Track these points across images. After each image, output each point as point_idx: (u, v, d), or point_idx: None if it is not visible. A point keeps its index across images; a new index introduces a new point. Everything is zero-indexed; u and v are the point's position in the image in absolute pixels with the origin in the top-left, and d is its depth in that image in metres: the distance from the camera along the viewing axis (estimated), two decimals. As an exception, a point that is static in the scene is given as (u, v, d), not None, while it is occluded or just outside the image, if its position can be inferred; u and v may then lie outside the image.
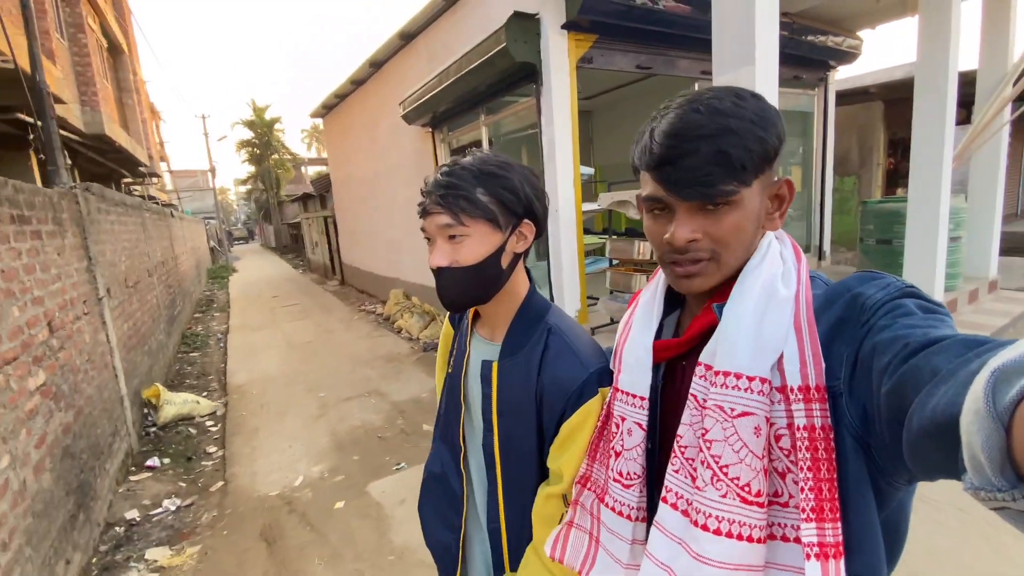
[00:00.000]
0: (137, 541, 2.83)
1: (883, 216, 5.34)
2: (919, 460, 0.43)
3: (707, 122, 0.58)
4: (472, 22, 4.96)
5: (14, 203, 2.51)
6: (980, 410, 0.30)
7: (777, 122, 0.61)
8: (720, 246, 0.62)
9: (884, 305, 0.55)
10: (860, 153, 9.27)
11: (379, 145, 8.15)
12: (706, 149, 0.58)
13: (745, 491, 0.57)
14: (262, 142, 29.51)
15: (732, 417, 0.58)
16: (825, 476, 0.54)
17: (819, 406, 0.56)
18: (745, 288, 0.61)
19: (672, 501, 0.64)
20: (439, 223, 0.81)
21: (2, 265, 2.28)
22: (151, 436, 4.22)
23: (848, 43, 6.18)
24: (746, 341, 0.59)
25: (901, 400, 0.45)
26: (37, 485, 2.24)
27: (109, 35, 11.88)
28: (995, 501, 0.30)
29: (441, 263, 0.82)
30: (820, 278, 0.65)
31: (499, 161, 0.84)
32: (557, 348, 0.86)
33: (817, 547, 0.53)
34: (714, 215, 0.61)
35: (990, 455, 0.30)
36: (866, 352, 0.53)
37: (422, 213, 0.84)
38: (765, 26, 2.68)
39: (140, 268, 5.58)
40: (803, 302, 0.60)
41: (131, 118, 13.16)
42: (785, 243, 0.67)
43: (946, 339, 0.46)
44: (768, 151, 0.60)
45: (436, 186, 0.82)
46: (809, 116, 6.63)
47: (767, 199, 0.64)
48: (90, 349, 3.32)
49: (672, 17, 4.30)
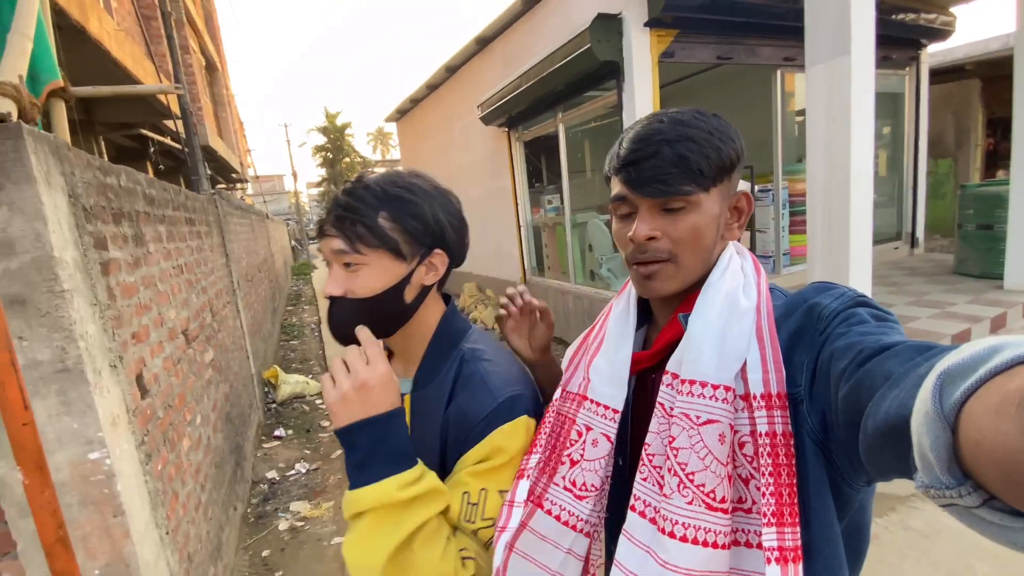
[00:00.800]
0: (280, 496, 3.30)
1: (984, 200, 5.07)
2: (874, 461, 0.45)
3: (668, 129, 0.64)
4: (551, 25, 5.17)
5: (187, 208, 3.01)
6: (928, 412, 0.32)
7: (736, 139, 0.67)
8: (678, 247, 0.66)
9: (839, 314, 0.57)
10: (956, 134, 8.66)
11: (453, 146, 8.55)
12: (666, 152, 0.63)
13: (710, 498, 0.58)
14: (335, 146, 31.21)
15: (698, 425, 0.59)
16: (785, 481, 0.56)
17: (780, 413, 0.58)
18: (708, 299, 0.65)
19: (640, 509, 0.65)
20: (333, 247, 0.74)
21: (185, 260, 2.75)
22: (272, 411, 4.78)
23: (941, 20, 5.85)
24: (711, 350, 0.61)
25: (857, 404, 0.47)
26: (215, 441, 2.71)
27: (206, 54, 13.08)
28: (944, 498, 0.32)
29: (333, 292, 0.75)
30: (779, 290, 0.69)
31: (407, 183, 0.76)
32: (467, 376, 0.77)
33: (777, 551, 0.54)
34: (673, 216, 0.65)
35: (938, 454, 0.31)
36: (824, 359, 0.55)
37: (318, 233, 0.76)
38: (861, 13, 2.71)
39: (253, 264, 6.24)
40: (764, 312, 0.63)
41: (225, 129, 14.42)
42: (746, 257, 0.70)
43: (897, 345, 0.48)
44: (725, 161, 0.65)
45: (335, 206, 0.75)
46: (899, 97, 6.33)
47: (727, 210, 0.68)
48: (233, 333, 3.85)
49: (753, 6, 4.30)
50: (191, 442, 2.22)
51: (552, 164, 6.38)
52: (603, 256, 5.52)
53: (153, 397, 1.81)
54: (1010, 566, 2.05)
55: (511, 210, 6.86)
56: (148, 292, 1.97)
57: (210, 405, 2.74)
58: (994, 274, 4.92)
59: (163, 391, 1.95)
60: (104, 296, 1.48)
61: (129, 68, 4.43)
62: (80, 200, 1.40)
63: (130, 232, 1.86)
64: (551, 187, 6.72)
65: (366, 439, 0.67)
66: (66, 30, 3.20)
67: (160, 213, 2.36)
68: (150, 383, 1.81)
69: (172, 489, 1.83)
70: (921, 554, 2.16)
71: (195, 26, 11.55)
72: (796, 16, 3.53)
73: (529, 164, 6.86)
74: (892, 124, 6.47)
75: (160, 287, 2.16)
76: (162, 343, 2.06)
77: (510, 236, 7.08)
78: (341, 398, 0.67)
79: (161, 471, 1.74)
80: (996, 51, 7.59)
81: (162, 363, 2.01)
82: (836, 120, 2.89)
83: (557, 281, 6.33)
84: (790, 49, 4.86)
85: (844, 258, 3.03)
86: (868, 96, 2.86)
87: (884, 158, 6.51)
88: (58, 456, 1.21)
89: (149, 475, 1.59)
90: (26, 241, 1.15)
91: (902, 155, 6.47)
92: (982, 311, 4.20)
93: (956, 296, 4.66)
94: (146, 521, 1.48)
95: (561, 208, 6.09)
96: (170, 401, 2.02)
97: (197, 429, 2.42)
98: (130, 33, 5.21)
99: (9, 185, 1.12)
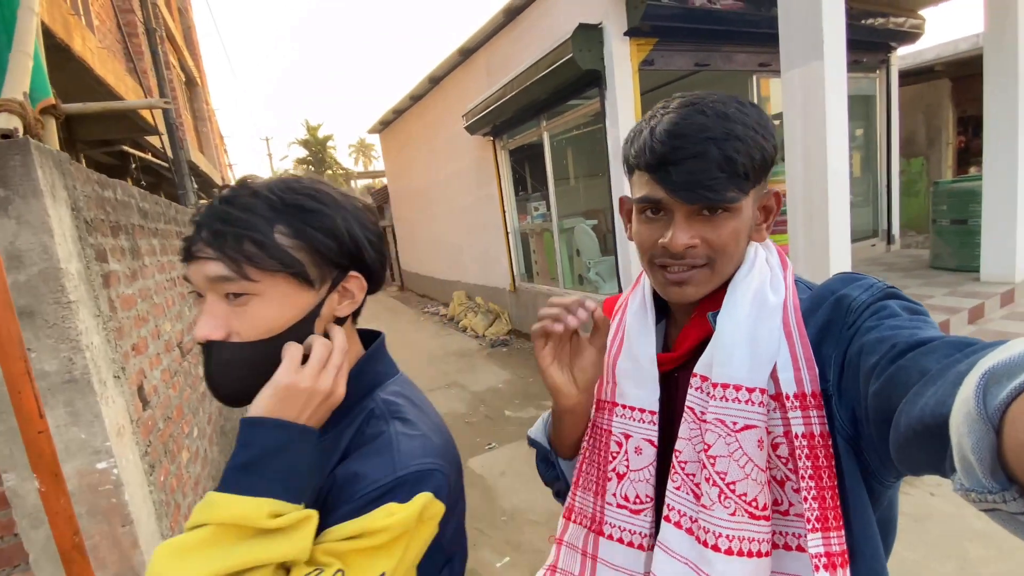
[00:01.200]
0: (277, 509, 3.28)
1: (957, 196, 5.25)
2: (907, 459, 0.44)
3: (714, 125, 0.56)
4: (533, 35, 5.27)
5: (177, 222, 3.01)
6: (971, 412, 0.30)
7: (774, 132, 0.61)
8: (717, 253, 0.61)
9: (869, 307, 0.55)
10: (927, 133, 8.95)
11: (438, 155, 8.60)
12: (714, 153, 0.56)
13: (753, 506, 0.56)
14: (316, 159, 31.12)
15: (735, 431, 0.57)
16: (827, 484, 0.54)
17: (816, 413, 0.55)
18: (737, 297, 0.61)
19: (675, 520, 0.61)
20: (209, 274, 0.55)
21: (177, 273, 2.75)
22: (264, 426, 4.74)
23: (910, 23, 6.08)
24: (743, 351, 0.58)
25: (889, 400, 0.45)
26: (211, 454, 2.69)
27: (186, 69, 13.02)
28: (986, 503, 0.30)
29: (211, 334, 0.55)
30: (803, 282, 0.65)
31: (311, 189, 0.60)
32: (371, 435, 0.60)
33: (824, 557, 0.52)
34: (713, 221, 0.59)
35: (981, 457, 0.29)
36: (853, 353, 0.53)
37: (185, 256, 0.57)
38: (832, 20, 2.83)
39: (240, 278, 6.20)
40: (791, 308, 0.59)
41: (205, 144, 14.34)
42: (771, 249, 0.66)
43: (934, 340, 0.46)
44: (767, 160, 0.60)
45: (209, 218, 0.56)
46: (871, 99, 6.55)
47: (756, 210, 0.64)
48: (223, 346, 3.83)
49: (728, 14, 4.45)
50: (189, 454, 2.22)
51: (537, 171, 6.46)
52: (591, 260, 5.60)
53: (153, 408, 1.81)
54: (1002, 547, 2.12)
55: (498, 217, 6.92)
56: (145, 304, 1.98)
57: (205, 418, 2.73)
58: (970, 267, 5.09)
59: (162, 402, 1.95)
60: (106, 307, 1.49)
61: (112, 85, 4.41)
62: (82, 213, 1.41)
63: (127, 245, 1.87)
64: (537, 194, 6.80)
65: (272, 442, 0.53)
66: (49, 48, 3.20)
67: (153, 226, 2.37)
68: (150, 394, 1.81)
69: (175, 500, 1.83)
70: (915, 537, 2.23)
71: (174, 42, 11.50)
72: (770, 23, 3.67)
73: (515, 172, 6.93)
74: (865, 126, 6.69)
75: (156, 299, 2.16)
76: (159, 355, 2.06)
77: (498, 243, 7.13)
78: (284, 387, 0.55)
79: (164, 482, 1.75)
80: (965, 51, 7.88)
81: (160, 375, 2.01)
82: (812, 122, 3.00)
83: (546, 286, 6.39)
84: (764, 55, 5.02)
85: (825, 255, 3.14)
86: (841, 98, 2.99)
87: (858, 159, 6.71)
88: (67, 466, 1.22)
89: (153, 486, 1.59)
90: (34, 254, 1.17)
91: (876, 155, 6.68)
92: (960, 303, 4.35)
93: (934, 289, 4.81)
94: (152, 531, 1.48)
95: (548, 214, 6.17)
96: (169, 413, 2.02)
97: (195, 442, 2.41)
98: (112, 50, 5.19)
99: (17, 199, 1.14)
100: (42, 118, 1.68)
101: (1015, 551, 2.08)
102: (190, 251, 0.56)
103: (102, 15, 5.00)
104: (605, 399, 0.71)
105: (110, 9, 4.99)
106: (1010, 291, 4.59)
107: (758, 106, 0.61)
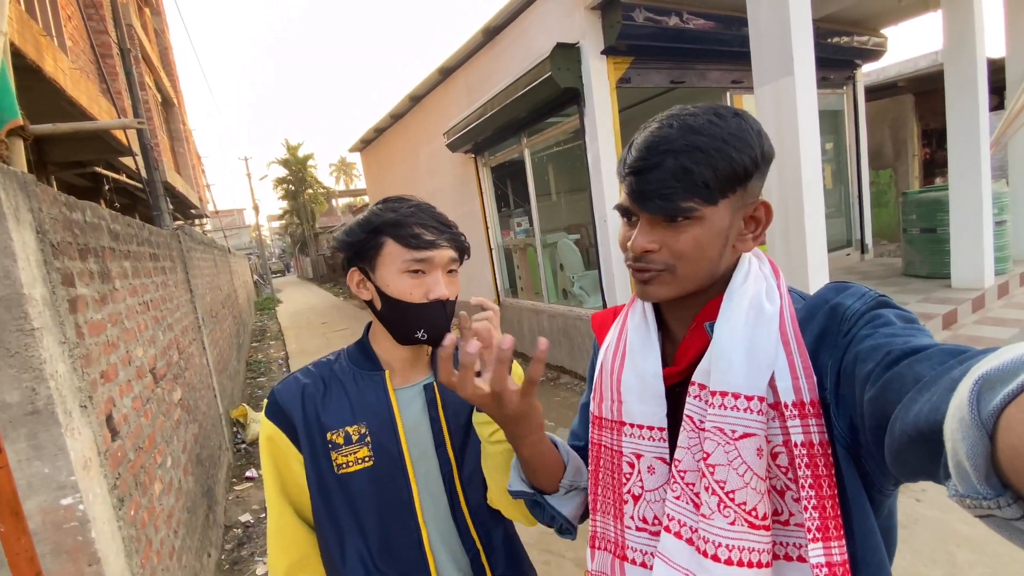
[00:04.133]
0: (256, 539, 3.15)
1: (925, 205, 5.42)
2: (901, 465, 0.44)
3: (677, 137, 0.58)
4: (512, 54, 5.34)
5: (151, 244, 2.93)
6: (964, 418, 0.30)
7: (755, 143, 0.60)
8: (676, 259, 0.62)
9: (864, 315, 0.56)
10: (894, 145, 9.28)
11: (419, 173, 8.60)
12: (670, 164, 0.58)
13: (752, 516, 0.56)
14: (297, 178, 30.87)
15: (734, 439, 0.56)
16: (827, 493, 0.54)
17: (815, 421, 0.55)
18: (733, 306, 0.61)
19: (676, 530, 0.61)
20: (450, 256, 0.84)
21: (151, 296, 2.67)
22: (242, 451, 4.59)
23: (873, 41, 6.33)
24: (740, 359, 0.58)
25: (884, 407, 0.45)
26: (186, 485, 2.59)
27: (162, 90, 12.88)
28: (980, 509, 0.30)
29: (449, 295, 0.83)
30: (796, 292, 0.66)
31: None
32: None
33: (826, 567, 0.52)
34: (674, 228, 0.61)
35: (975, 463, 0.29)
36: (849, 361, 0.53)
37: (430, 244, 0.82)
38: (800, 38, 2.92)
39: (217, 300, 6.07)
40: (788, 316, 0.60)
41: (183, 164, 14.12)
42: (763, 260, 0.67)
43: (928, 348, 0.46)
44: (737, 171, 0.59)
45: (444, 226, 0.85)
46: (839, 114, 6.77)
47: (741, 220, 0.63)
48: (200, 371, 3.72)
49: (700, 33, 4.58)
50: (163, 486, 2.13)
51: (519, 187, 6.49)
52: (574, 275, 5.61)
53: (123, 439, 1.73)
54: (988, 552, 2.14)
55: (482, 233, 6.92)
56: (115, 329, 1.91)
57: (180, 447, 2.63)
58: (941, 274, 5.23)
59: (133, 432, 1.87)
60: (73, 334, 1.43)
61: (84, 106, 4.33)
62: (47, 236, 1.36)
63: (96, 268, 1.80)
64: (520, 210, 6.82)
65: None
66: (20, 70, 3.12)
67: (125, 249, 2.30)
68: (120, 424, 1.73)
69: (146, 536, 1.74)
70: (902, 543, 2.23)
71: (150, 62, 11.38)
72: (741, 42, 3.77)
73: (497, 188, 6.96)
74: (835, 139, 6.89)
75: (127, 324, 2.09)
76: (130, 382, 1.98)
77: (482, 259, 7.12)
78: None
79: (134, 516, 1.66)
80: (925, 68, 8.24)
81: (131, 403, 1.93)
82: (785, 135, 3.08)
83: (531, 301, 6.38)
84: (737, 72, 5.16)
85: (803, 264, 3.19)
86: (812, 111, 3.07)
87: (829, 172, 6.90)
88: (29, 503, 1.15)
89: (122, 521, 1.52)
90: (-6, 279, 1.12)
91: (846, 168, 6.88)
92: (934, 309, 4.45)
93: (908, 296, 4.93)
94: (121, 569, 1.40)
95: (531, 230, 6.19)
96: (140, 443, 1.93)
97: (168, 472, 2.32)
98: (85, 71, 5.11)
99: (-24, 222, 1.09)
100: (8, 140, 1.62)
101: (1001, 555, 2.10)
102: (433, 242, 0.84)
103: (75, 36, 4.92)
104: (611, 418, 0.70)
105: (83, 30, 4.92)
106: (980, 296, 4.72)
107: (744, 117, 0.61)
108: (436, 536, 0.88)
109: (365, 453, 0.84)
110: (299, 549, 0.87)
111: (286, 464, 0.86)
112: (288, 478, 0.87)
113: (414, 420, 0.88)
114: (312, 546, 0.89)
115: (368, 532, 0.85)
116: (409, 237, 0.81)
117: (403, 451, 0.85)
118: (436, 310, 0.82)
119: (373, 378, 0.88)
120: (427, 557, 0.86)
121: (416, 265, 0.81)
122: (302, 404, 0.86)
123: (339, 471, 0.84)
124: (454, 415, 0.89)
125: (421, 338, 0.83)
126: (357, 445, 0.84)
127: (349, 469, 0.84)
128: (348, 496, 0.85)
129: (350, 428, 0.85)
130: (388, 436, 0.85)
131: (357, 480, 0.84)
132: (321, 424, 0.85)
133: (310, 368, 0.92)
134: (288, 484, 0.87)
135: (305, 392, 0.87)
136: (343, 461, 0.84)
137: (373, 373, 0.88)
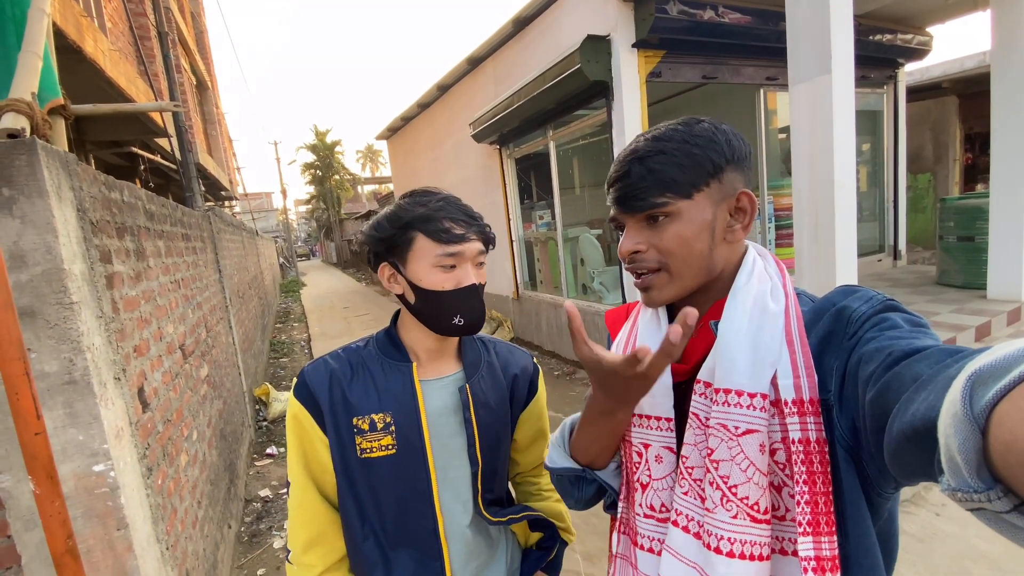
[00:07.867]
0: (275, 514, 3.25)
1: (964, 213, 5.22)
2: (899, 464, 0.44)
3: (643, 147, 0.65)
4: (541, 46, 5.30)
5: (184, 224, 3.01)
6: (957, 413, 0.31)
7: (722, 140, 0.64)
8: (666, 256, 0.65)
9: (870, 318, 0.56)
10: (934, 149, 8.94)
11: (444, 162, 8.63)
12: (636, 168, 0.64)
13: (754, 510, 0.57)
14: (324, 164, 31.27)
15: (737, 436, 0.58)
16: (821, 489, 0.55)
17: (813, 419, 0.56)
18: (737, 304, 0.63)
19: (683, 524, 0.63)
20: (479, 248, 0.87)
21: (182, 275, 2.75)
22: (263, 429, 4.72)
23: (918, 40, 6.09)
24: (744, 357, 0.59)
25: (883, 406, 0.46)
26: (210, 458, 2.68)
27: (197, 73, 13.15)
28: (972, 502, 0.31)
29: (479, 281, 0.87)
30: (805, 295, 0.67)
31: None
32: (503, 349, 1.01)
33: (814, 561, 0.54)
34: (657, 228, 0.65)
35: (967, 457, 0.30)
36: (853, 364, 0.54)
37: (460, 238, 0.84)
38: (840, 35, 2.83)
39: (243, 281, 6.22)
40: (793, 316, 0.61)
41: (215, 147, 14.44)
42: (768, 260, 0.68)
43: (929, 348, 0.47)
44: (704, 165, 0.63)
45: (472, 219, 0.87)
46: (879, 114, 6.54)
47: (726, 212, 0.65)
48: (226, 349, 3.83)
49: (735, 28, 4.46)
50: (188, 458, 2.20)
51: (543, 180, 6.47)
52: (594, 270, 5.58)
53: (153, 411, 1.80)
54: (1006, 568, 2.08)
55: (503, 225, 6.92)
56: (148, 306, 1.97)
57: (205, 421, 2.72)
58: (977, 284, 5.05)
59: (162, 405, 1.94)
60: (109, 309, 1.49)
61: (123, 87, 4.45)
62: (87, 214, 1.41)
63: (132, 246, 1.87)
64: (542, 203, 6.80)
65: None
66: (61, 50, 3.23)
67: (159, 228, 2.37)
68: (150, 397, 1.80)
69: (171, 504, 1.81)
70: (918, 558, 2.19)
71: (186, 45, 11.62)
72: (778, 38, 3.67)
73: (520, 180, 6.94)
74: (872, 141, 6.68)
75: (159, 301, 2.16)
76: (161, 357, 2.05)
77: (503, 251, 7.13)
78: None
79: (161, 485, 1.73)
80: (972, 69, 7.90)
81: (161, 377, 2.00)
82: (819, 135, 2.99)
83: (550, 295, 6.37)
84: (772, 69, 5.02)
85: (831, 269, 3.11)
86: (849, 112, 2.98)
87: (865, 174, 6.70)
88: (63, 468, 1.21)
89: (150, 489, 1.58)
90: (37, 254, 1.17)
91: (882, 171, 6.66)
92: (967, 320, 4.30)
93: (940, 306, 4.77)
94: (147, 535, 1.46)
95: (552, 223, 6.17)
96: (168, 415, 2.01)
97: (194, 445, 2.40)
98: (124, 53, 5.25)
99: (22, 199, 1.14)
100: (50, 118, 1.68)
101: (1019, 572, 2.04)
102: (464, 236, 0.86)
103: (115, 18, 5.05)
104: None
105: (123, 12, 5.04)
106: (1017, 309, 4.55)
107: (715, 123, 0.66)
108: (452, 526, 0.91)
109: (389, 441, 0.87)
110: (318, 524, 0.90)
111: (311, 443, 0.89)
112: (311, 456, 0.89)
113: (438, 414, 0.90)
114: (330, 523, 0.91)
115: (386, 515, 0.88)
116: (440, 232, 0.83)
117: (425, 443, 0.88)
118: (471, 295, 0.85)
119: (400, 368, 0.89)
120: (442, 545, 0.89)
121: (448, 260, 0.83)
122: (329, 387, 0.88)
123: (362, 455, 0.87)
124: (486, 416, 0.92)
125: (458, 324, 0.85)
126: (382, 433, 0.87)
127: (372, 455, 0.87)
128: (369, 479, 0.88)
129: (375, 416, 0.87)
130: (412, 427, 0.87)
131: (379, 465, 0.87)
132: (348, 408, 0.87)
133: (339, 353, 0.94)
134: (311, 462, 0.90)
135: (333, 376, 0.89)
136: (367, 446, 0.87)
137: (400, 364, 0.90)
